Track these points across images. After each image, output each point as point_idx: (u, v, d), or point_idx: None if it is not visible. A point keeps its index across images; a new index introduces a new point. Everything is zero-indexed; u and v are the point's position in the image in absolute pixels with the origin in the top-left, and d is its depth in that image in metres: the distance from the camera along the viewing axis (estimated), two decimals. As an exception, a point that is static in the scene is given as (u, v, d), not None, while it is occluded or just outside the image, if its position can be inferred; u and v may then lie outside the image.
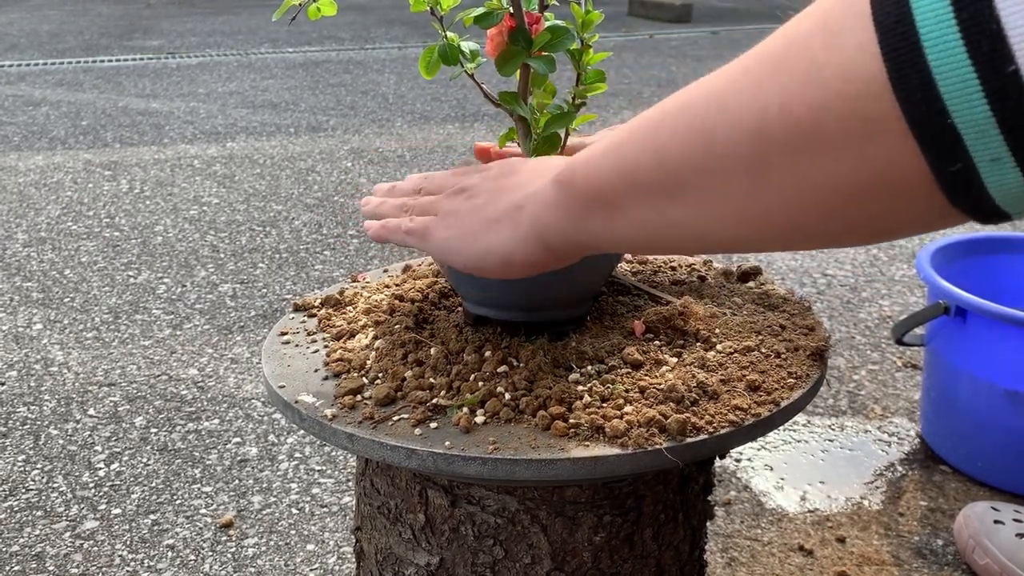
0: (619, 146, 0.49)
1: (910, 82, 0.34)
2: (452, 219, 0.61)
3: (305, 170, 3.12)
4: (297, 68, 5.04)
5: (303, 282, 2.21)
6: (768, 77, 0.40)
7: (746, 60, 0.43)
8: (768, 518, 1.34)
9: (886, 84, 0.35)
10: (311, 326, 0.77)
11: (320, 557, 1.28)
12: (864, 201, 0.39)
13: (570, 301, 0.71)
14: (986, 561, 1.18)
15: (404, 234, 0.63)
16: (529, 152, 0.70)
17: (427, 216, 0.63)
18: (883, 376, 1.76)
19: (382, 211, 0.69)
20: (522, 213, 0.57)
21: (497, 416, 0.61)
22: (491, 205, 0.59)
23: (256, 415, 1.64)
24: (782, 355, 0.68)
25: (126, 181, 3.02)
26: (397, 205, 0.67)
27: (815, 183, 0.39)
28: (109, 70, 4.95)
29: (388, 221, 0.66)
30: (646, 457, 0.57)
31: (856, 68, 0.36)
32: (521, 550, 0.66)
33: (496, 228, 0.58)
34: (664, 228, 0.48)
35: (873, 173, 0.37)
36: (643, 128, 0.48)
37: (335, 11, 0.69)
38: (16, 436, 1.58)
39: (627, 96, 4.27)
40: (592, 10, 0.67)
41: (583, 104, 0.70)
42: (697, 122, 0.44)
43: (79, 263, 2.34)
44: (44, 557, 1.28)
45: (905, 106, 0.34)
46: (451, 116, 3.88)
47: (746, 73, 0.42)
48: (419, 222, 0.63)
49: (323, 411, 0.63)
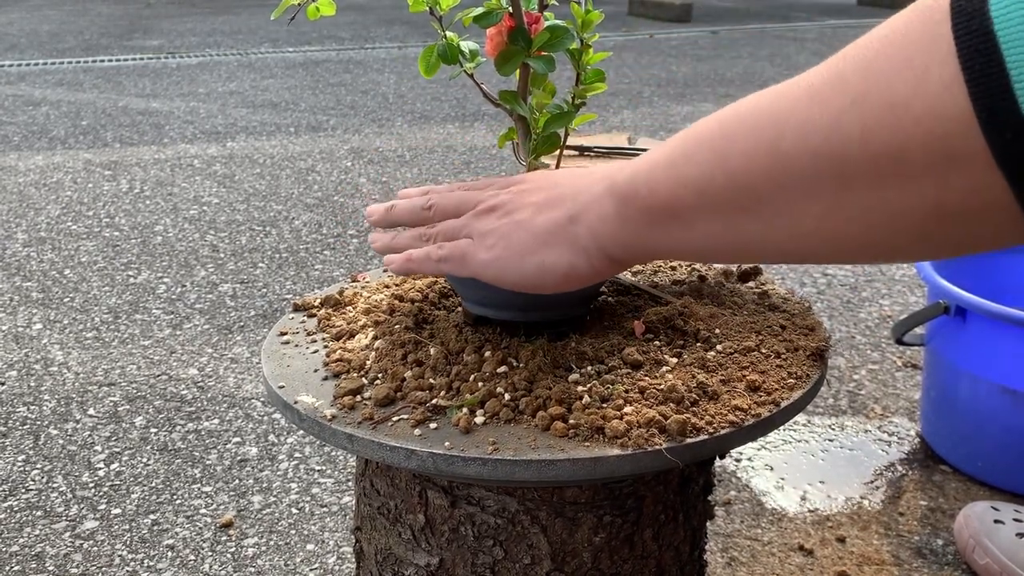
0: (684, 159, 0.49)
1: (1000, 124, 0.35)
2: (493, 239, 0.59)
3: (305, 170, 3.12)
4: (297, 68, 5.04)
5: (303, 282, 2.21)
6: (848, 107, 0.40)
7: (817, 83, 0.43)
8: (768, 518, 1.34)
9: (974, 123, 0.35)
10: (311, 326, 0.77)
11: (320, 557, 1.28)
12: (946, 225, 0.40)
13: (570, 301, 0.71)
14: (986, 561, 1.18)
15: (436, 263, 0.61)
16: (528, 152, 0.70)
17: (458, 240, 0.61)
18: (883, 376, 1.76)
19: (399, 245, 0.66)
20: (577, 226, 0.56)
21: (497, 417, 0.61)
22: (537, 220, 0.58)
23: (256, 415, 1.64)
24: (782, 355, 0.68)
25: (126, 181, 3.02)
26: (415, 236, 0.65)
27: (895, 208, 0.40)
28: (109, 70, 4.95)
29: (412, 252, 0.63)
30: (646, 458, 0.57)
31: (943, 106, 0.36)
32: (521, 551, 0.66)
33: (550, 243, 0.57)
34: (734, 240, 0.49)
35: (957, 200, 0.38)
36: (709, 141, 0.48)
37: (334, 11, 0.68)
38: (16, 436, 1.57)
39: (627, 96, 4.27)
40: (592, 10, 0.67)
41: (583, 104, 0.70)
42: (769, 143, 0.44)
43: (79, 263, 2.34)
44: (44, 557, 1.28)
45: (995, 146, 0.35)
46: (451, 116, 3.88)
47: (821, 100, 0.42)
48: (452, 248, 0.61)
49: (323, 411, 0.63)
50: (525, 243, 0.58)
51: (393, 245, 0.67)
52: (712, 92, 4.36)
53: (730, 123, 0.47)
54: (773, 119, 0.44)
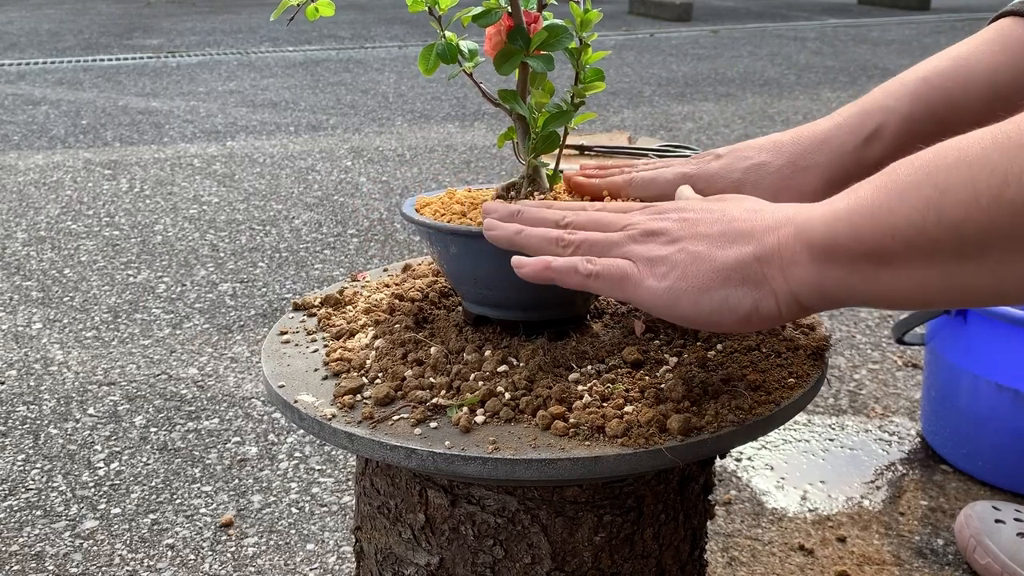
0: (888, 210, 0.49)
1: None
2: (665, 267, 0.56)
3: (305, 169, 3.12)
4: (297, 67, 5.04)
5: (303, 281, 2.21)
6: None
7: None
8: (768, 517, 1.34)
9: None
10: (311, 325, 0.77)
11: (320, 556, 1.28)
12: None
13: (570, 300, 0.71)
14: (987, 560, 1.18)
15: (585, 278, 0.58)
16: (528, 151, 0.70)
17: (619, 260, 0.58)
18: (884, 375, 1.76)
19: (525, 242, 0.61)
20: (767, 268, 0.55)
21: (497, 416, 0.61)
22: (719, 255, 0.56)
23: (256, 414, 1.63)
24: (783, 354, 0.68)
25: (126, 180, 3.02)
26: (550, 239, 0.61)
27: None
28: (109, 69, 4.95)
29: (554, 261, 0.59)
30: (646, 457, 0.57)
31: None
32: (521, 550, 0.65)
33: (735, 282, 0.55)
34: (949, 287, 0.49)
35: None
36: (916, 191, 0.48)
37: (332, 11, 0.68)
38: (16, 435, 1.57)
39: (627, 95, 4.27)
40: (591, 9, 0.67)
41: (582, 103, 0.69)
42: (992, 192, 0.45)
43: (79, 262, 2.34)
44: (44, 556, 1.28)
45: None
46: (451, 115, 3.88)
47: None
48: (608, 265, 0.58)
49: (323, 411, 0.63)
50: (705, 277, 0.55)
51: (519, 242, 0.62)
52: (712, 91, 4.36)
53: (939, 174, 0.47)
54: (991, 168, 0.45)
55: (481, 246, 0.64)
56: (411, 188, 2.90)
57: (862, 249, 0.51)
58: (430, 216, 0.70)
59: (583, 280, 0.58)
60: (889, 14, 7.41)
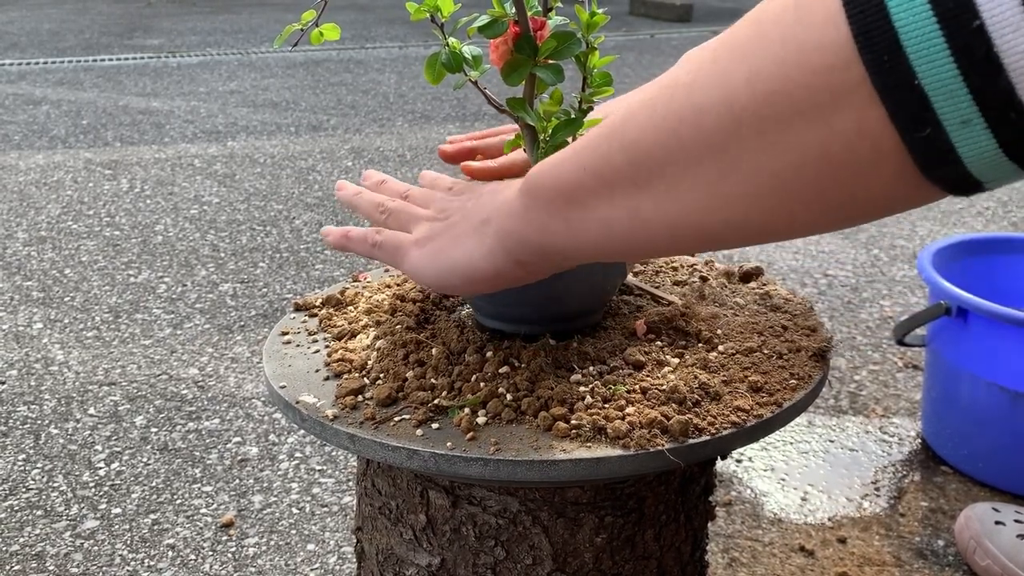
0: (585, 144, 0.49)
1: (877, 45, 0.33)
2: (425, 239, 0.60)
3: (306, 169, 3.12)
4: (298, 67, 5.04)
5: (304, 281, 2.21)
6: (737, 60, 0.39)
7: (714, 45, 0.42)
8: (769, 519, 1.34)
9: (853, 51, 0.34)
10: (312, 326, 0.77)
11: (320, 557, 1.28)
12: (835, 177, 0.38)
13: (590, 309, 0.71)
14: (987, 562, 1.18)
15: (371, 247, 0.62)
16: (536, 159, 0.70)
17: (400, 233, 0.62)
18: (884, 377, 1.76)
19: (356, 203, 0.67)
20: (488, 226, 0.56)
21: (499, 417, 0.61)
22: (463, 223, 0.58)
23: (256, 415, 1.64)
24: (784, 356, 0.68)
25: (126, 180, 3.02)
26: (374, 203, 0.66)
27: (783, 161, 0.38)
28: (110, 69, 4.95)
29: (351, 230, 0.64)
30: (648, 458, 0.57)
31: (823, 38, 0.35)
32: (522, 551, 0.65)
33: (462, 244, 0.57)
34: (631, 224, 0.47)
35: (843, 145, 0.36)
36: (610, 126, 0.48)
37: (338, 35, 0.68)
38: (16, 435, 1.57)
39: (628, 96, 4.27)
40: (597, 12, 0.66)
41: (590, 108, 0.69)
42: (662, 111, 0.43)
43: (79, 262, 2.34)
44: (44, 556, 1.28)
45: (872, 70, 0.34)
46: (452, 116, 3.88)
47: (714, 59, 0.41)
48: (390, 236, 0.62)
49: (324, 411, 0.63)
50: (445, 243, 0.58)
51: (352, 202, 0.68)
52: (713, 92, 4.36)
53: (633, 103, 0.47)
54: (671, 88, 0.43)
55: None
56: (412, 188, 2.90)
57: (558, 189, 0.50)
58: None
59: (369, 249, 0.62)
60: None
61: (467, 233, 0.57)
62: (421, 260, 0.60)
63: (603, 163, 0.47)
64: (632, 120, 0.45)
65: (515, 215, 0.54)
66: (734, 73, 0.39)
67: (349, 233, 0.64)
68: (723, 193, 0.42)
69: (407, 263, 0.61)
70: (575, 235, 0.51)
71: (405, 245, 0.61)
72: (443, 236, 0.59)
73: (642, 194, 0.45)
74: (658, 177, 0.44)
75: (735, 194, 0.41)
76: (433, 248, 0.59)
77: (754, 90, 0.38)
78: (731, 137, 0.40)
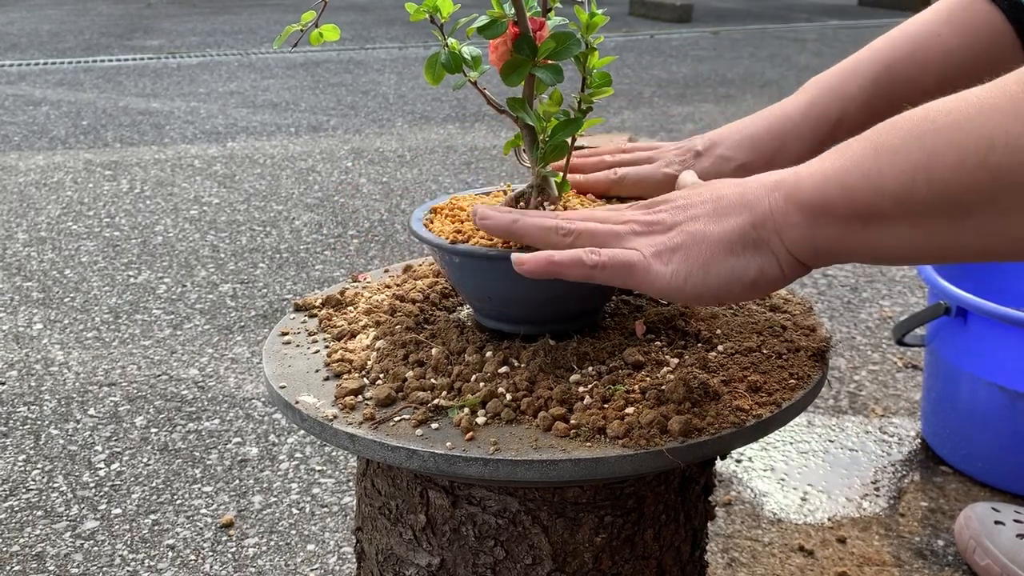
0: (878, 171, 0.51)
1: None
2: (667, 252, 0.57)
3: (305, 170, 3.12)
4: (298, 68, 5.04)
5: (303, 282, 2.21)
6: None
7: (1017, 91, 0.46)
8: (769, 519, 1.34)
9: None
10: (312, 326, 0.77)
11: (320, 557, 1.28)
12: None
13: (591, 309, 0.71)
14: (987, 562, 1.18)
15: (591, 268, 0.57)
16: (537, 160, 0.70)
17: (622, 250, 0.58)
18: (884, 376, 1.76)
19: (522, 231, 0.61)
20: (762, 232, 0.56)
21: (498, 417, 0.61)
22: (715, 230, 0.57)
23: (256, 415, 1.64)
24: (783, 356, 0.68)
25: (126, 181, 3.02)
26: (547, 227, 0.61)
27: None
28: (109, 70, 4.95)
29: (555, 254, 0.58)
30: (647, 458, 0.57)
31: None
32: (522, 551, 0.66)
33: (736, 251, 0.56)
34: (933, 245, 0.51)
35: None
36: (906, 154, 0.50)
37: (338, 36, 0.68)
38: (16, 436, 1.57)
39: (627, 96, 4.27)
40: (596, 12, 0.66)
41: (589, 109, 0.69)
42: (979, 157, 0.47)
43: (79, 263, 2.34)
44: (44, 557, 1.28)
45: None
46: (451, 116, 3.88)
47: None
48: (614, 255, 0.58)
49: (324, 411, 0.63)
50: (708, 252, 0.57)
51: (516, 231, 0.62)
52: (712, 92, 4.36)
53: (927, 137, 0.49)
54: (977, 133, 0.47)
55: (499, 268, 0.64)
56: (411, 189, 2.90)
57: (853, 208, 0.53)
58: (440, 225, 0.70)
59: (588, 272, 0.57)
60: (889, 15, 7.41)
61: (734, 241, 0.57)
62: (678, 274, 0.57)
63: (906, 194, 0.50)
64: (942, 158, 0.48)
65: (797, 226, 0.56)
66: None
67: (553, 258, 0.58)
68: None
69: (653, 279, 0.57)
70: (871, 246, 0.54)
71: (640, 262, 0.58)
72: (697, 246, 0.57)
73: (952, 224, 0.49)
74: (975, 215, 0.48)
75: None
76: (688, 260, 0.57)
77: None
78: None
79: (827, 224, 0.54)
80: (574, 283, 0.62)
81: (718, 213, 0.58)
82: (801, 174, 0.56)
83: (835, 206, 0.54)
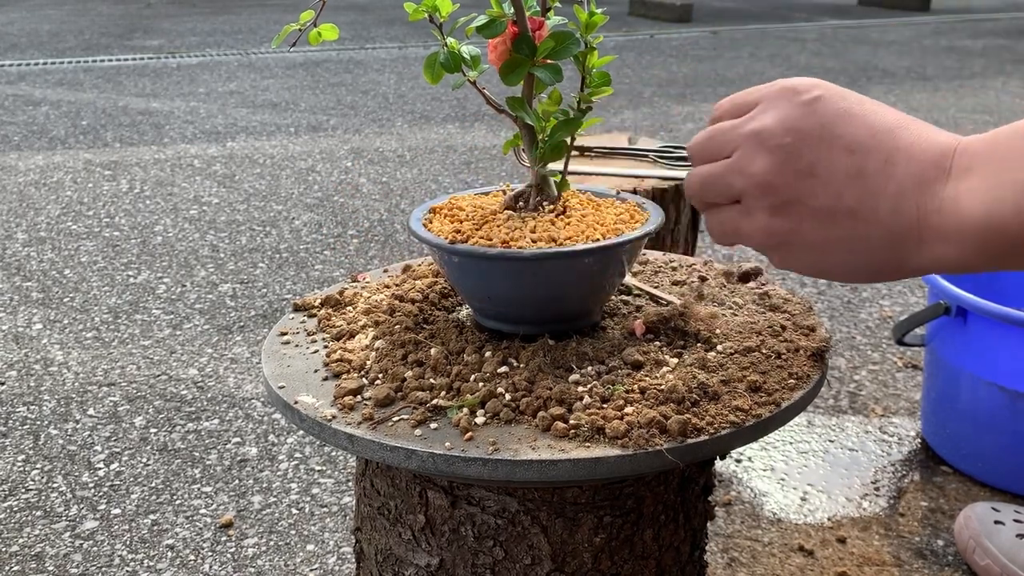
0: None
1: None
2: (800, 245, 0.56)
3: (305, 170, 3.12)
4: (297, 68, 5.04)
5: (303, 282, 2.21)
6: None
7: None
8: (768, 518, 1.34)
9: None
10: (311, 326, 0.77)
11: (320, 557, 1.28)
12: None
13: (589, 310, 0.71)
14: (986, 562, 1.18)
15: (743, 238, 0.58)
16: (536, 159, 0.70)
17: (772, 232, 0.57)
18: (884, 376, 1.76)
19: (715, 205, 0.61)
20: (909, 247, 0.53)
21: (497, 417, 0.61)
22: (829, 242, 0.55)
23: (256, 415, 1.64)
24: (783, 355, 0.68)
25: (126, 181, 3.02)
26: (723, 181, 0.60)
27: None
28: (109, 70, 4.95)
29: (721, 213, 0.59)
30: (647, 458, 0.57)
31: None
32: (521, 551, 0.65)
33: (867, 252, 0.54)
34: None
35: None
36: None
37: (336, 35, 0.68)
38: (16, 436, 1.57)
39: (627, 96, 4.27)
40: (596, 12, 0.66)
41: (589, 108, 0.69)
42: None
43: (79, 263, 2.34)
44: (44, 557, 1.28)
45: None
46: (451, 116, 3.88)
47: None
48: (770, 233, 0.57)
49: (323, 412, 0.63)
50: (841, 257, 0.55)
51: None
52: (712, 92, 4.36)
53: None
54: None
55: (498, 268, 0.64)
56: (411, 189, 2.90)
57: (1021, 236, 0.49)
58: (439, 225, 0.70)
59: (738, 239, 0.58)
60: (889, 15, 7.41)
61: (868, 244, 0.54)
62: (813, 270, 0.57)
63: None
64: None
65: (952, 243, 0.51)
66: None
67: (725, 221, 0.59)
68: None
69: (795, 260, 0.57)
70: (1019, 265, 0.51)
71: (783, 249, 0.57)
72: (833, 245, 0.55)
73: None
74: None
75: None
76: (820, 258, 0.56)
77: None
78: None
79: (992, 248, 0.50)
80: (570, 282, 0.62)
81: (836, 213, 0.54)
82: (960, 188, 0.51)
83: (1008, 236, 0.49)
